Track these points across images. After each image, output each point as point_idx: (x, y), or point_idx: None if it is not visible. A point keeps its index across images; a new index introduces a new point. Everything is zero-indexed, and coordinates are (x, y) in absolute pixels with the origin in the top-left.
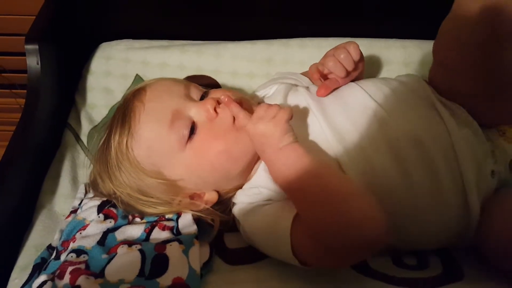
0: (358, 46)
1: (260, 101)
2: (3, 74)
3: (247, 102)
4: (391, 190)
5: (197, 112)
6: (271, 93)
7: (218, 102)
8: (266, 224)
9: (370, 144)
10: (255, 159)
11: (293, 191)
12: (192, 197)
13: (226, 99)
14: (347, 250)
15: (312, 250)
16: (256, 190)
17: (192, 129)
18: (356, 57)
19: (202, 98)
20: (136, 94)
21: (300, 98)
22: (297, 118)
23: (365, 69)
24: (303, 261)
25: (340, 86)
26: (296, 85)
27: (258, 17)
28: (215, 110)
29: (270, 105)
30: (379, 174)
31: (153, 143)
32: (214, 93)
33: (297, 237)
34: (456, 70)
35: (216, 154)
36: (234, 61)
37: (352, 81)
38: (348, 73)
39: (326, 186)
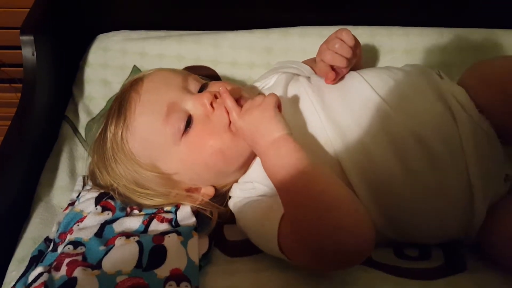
0: (349, 31)
1: (259, 93)
2: (2, 69)
3: (246, 98)
4: (391, 185)
5: (194, 105)
6: (271, 84)
7: (216, 96)
8: (256, 221)
9: (369, 137)
10: (252, 158)
11: (280, 188)
12: (188, 190)
13: (223, 91)
14: (328, 258)
15: (297, 251)
16: (250, 185)
17: (188, 123)
18: (350, 42)
19: (201, 90)
20: (133, 84)
21: (300, 89)
22: (295, 109)
23: (367, 58)
24: (292, 260)
25: (343, 74)
26: (298, 75)
27: (257, 6)
28: (212, 104)
29: (254, 98)
30: (379, 168)
31: (148, 136)
32: (213, 86)
33: (283, 237)
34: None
35: (211, 153)
36: (233, 51)
37: (354, 69)
38: (348, 61)
39: (312, 188)
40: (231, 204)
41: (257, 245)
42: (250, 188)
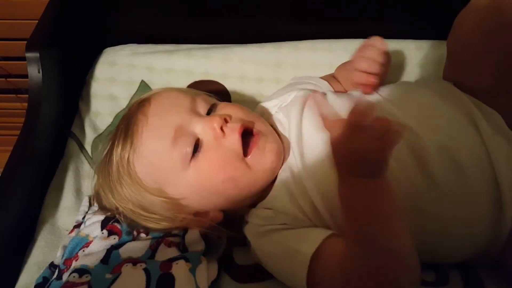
0: (380, 38)
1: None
2: (8, 79)
3: (259, 126)
4: (416, 201)
5: (203, 129)
6: (289, 101)
7: (226, 120)
8: (281, 253)
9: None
10: (265, 187)
11: (356, 223)
12: (196, 214)
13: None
14: None
15: None
16: (270, 212)
17: (197, 147)
18: (383, 47)
19: (209, 111)
20: (140, 105)
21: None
22: (314, 128)
23: None
24: None
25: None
26: (315, 91)
27: (265, 19)
28: (222, 129)
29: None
30: (401, 184)
31: (155, 160)
32: (224, 109)
33: (315, 275)
34: (474, 66)
35: (222, 180)
36: (242, 65)
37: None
38: (382, 67)
39: (390, 231)
40: (247, 230)
41: (275, 275)
42: (269, 216)
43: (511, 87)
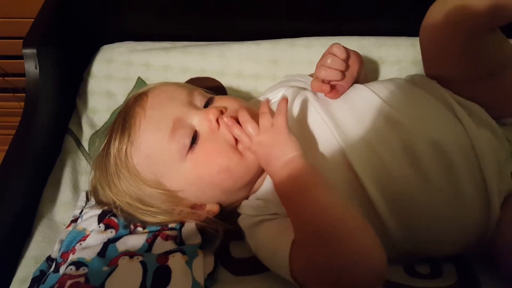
0: (340, 44)
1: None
2: (5, 78)
3: (254, 114)
4: (408, 194)
5: (200, 121)
6: (278, 98)
7: (222, 112)
8: (268, 244)
9: (383, 147)
10: (258, 175)
11: (291, 212)
12: (193, 207)
13: (229, 123)
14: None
15: (309, 279)
16: (262, 203)
17: (194, 139)
18: (341, 55)
19: (206, 105)
20: (137, 99)
21: (307, 102)
22: (304, 123)
23: (374, 68)
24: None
25: (345, 89)
26: (305, 88)
27: (262, 16)
28: (217, 121)
29: (261, 116)
30: (395, 178)
31: (153, 152)
32: (219, 101)
33: (295, 264)
34: (445, 58)
35: (217, 171)
36: (239, 62)
37: (359, 82)
38: (343, 74)
39: (326, 218)
40: (241, 221)
41: (268, 267)
42: (261, 206)
43: (482, 73)
